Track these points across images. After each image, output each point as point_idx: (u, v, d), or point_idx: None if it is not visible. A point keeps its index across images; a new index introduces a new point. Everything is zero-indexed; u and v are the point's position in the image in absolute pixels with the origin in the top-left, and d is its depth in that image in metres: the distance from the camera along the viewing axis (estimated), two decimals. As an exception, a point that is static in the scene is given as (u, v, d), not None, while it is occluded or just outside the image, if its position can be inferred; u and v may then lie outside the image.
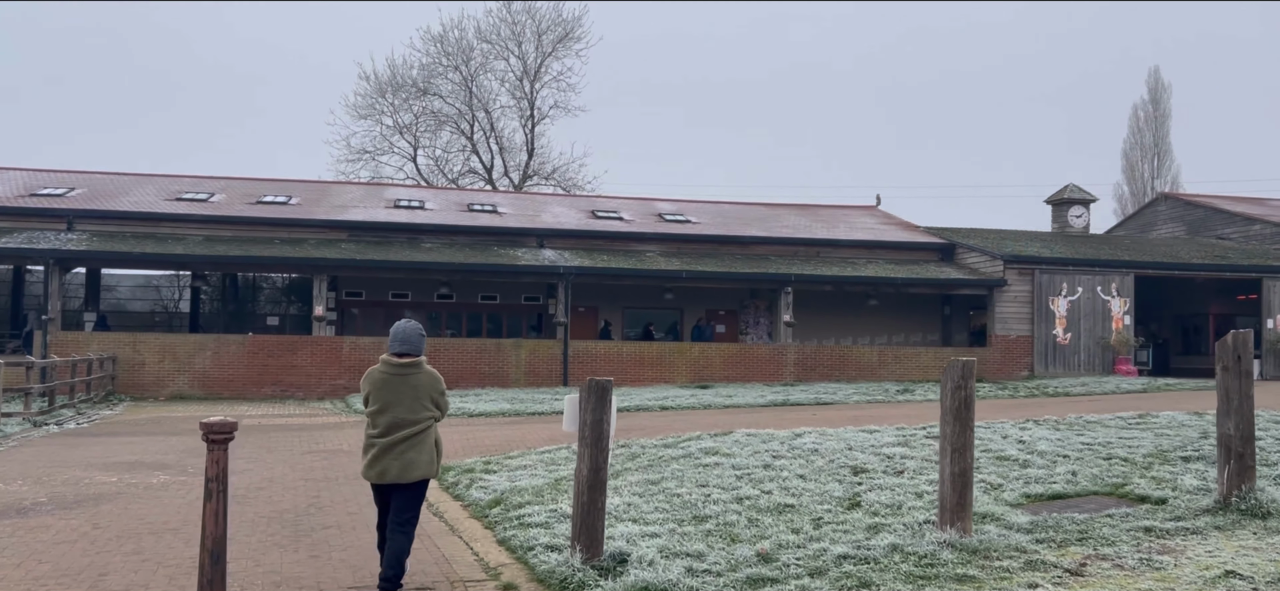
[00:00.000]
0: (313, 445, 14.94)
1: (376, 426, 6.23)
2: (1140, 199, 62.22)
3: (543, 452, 12.56)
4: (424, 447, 6.22)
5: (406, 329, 6.35)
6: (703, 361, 28.70)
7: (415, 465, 6.17)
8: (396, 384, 6.20)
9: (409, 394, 6.19)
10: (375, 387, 6.23)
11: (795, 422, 16.84)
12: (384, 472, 6.16)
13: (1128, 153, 65.14)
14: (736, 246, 32.20)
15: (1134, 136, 64.65)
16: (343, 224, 30.16)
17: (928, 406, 20.35)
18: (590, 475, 6.33)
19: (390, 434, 6.17)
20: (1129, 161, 66.05)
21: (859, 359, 29.54)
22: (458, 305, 31.43)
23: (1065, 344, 30.38)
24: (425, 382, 6.28)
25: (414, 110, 47.87)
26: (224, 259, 27.13)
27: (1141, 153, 65.53)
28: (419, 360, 6.31)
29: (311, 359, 26.67)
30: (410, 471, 6.16)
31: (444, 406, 6.43)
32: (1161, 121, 65.29)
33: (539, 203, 37.08)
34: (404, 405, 6.18)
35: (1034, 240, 34.34)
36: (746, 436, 13.35)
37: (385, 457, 6.16)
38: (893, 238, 33.74)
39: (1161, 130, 65.52)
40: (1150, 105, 64.55)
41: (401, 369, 6.23)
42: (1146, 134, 65.51)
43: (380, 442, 6.20)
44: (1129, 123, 64.97)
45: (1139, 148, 65.46)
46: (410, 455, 6.16)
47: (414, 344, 6.31)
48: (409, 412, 6.18)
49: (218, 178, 35.23)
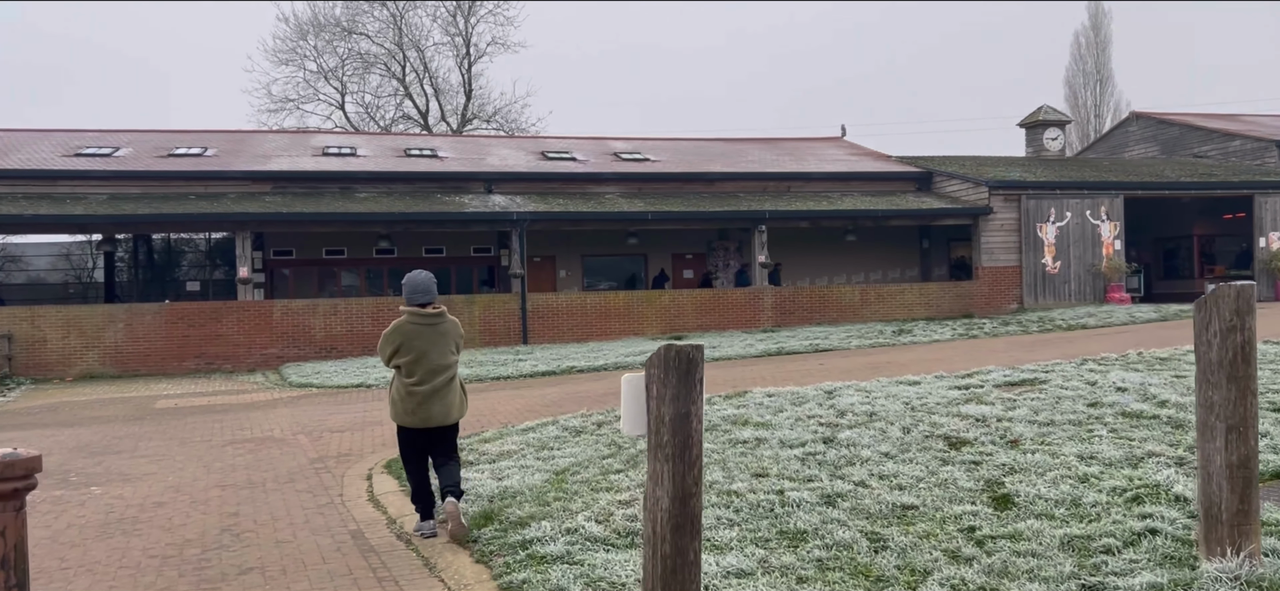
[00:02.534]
0: (238, 432, 12.27)
1: (414, 375, 6.45)
2: (1083, 127, 61.21)
3: (525, 432, 10.08)
4: (456, 389, 6.63)
5: (426, 279, 6.63)
6: (674, 310, 26.34)
7: (454, 407, 6.62)
8: (428, 333, 6.48)
9: (439, 340, 6.49)
10: (407, 339, 6.47)
11: (807, 376, 14.57)
12: (428, 418, 6.47)
13: (1070, 80, 63.97)
14: (701, 184, 29.77)
15: (1076, 64, 63.40)
16: (266, 175, 27.03)
17: (940, 348, 18.25)
18: (674, 508, 3.89)
19: (430, 381, 6.44)
20: (1072, 89, 65.01)
21: (840, 299, 27.43)
22: (400, 260, 28.56)
23: (1055, 273, 28.61)
24: (451, 329, 6.65)
25: (339, 52, 44.38)
26: (132, 218, 23.92)
27: (1084, 79, 64.41)
28: (443, 308, 6.63)
29: (238, 327, 23.73)
30: (452, 413, 6.60)
31: (461, 349, 6.77)
32: (1103, 48, 64.08)
33: (483, 145, 34.17)
34: (437, 351, 6.47)
35: (1015, 165, 32.47)
36: (767, 397, 11.03)
37: (429, 403, 6.45)
38: (866, 168, 31.58)
39: (1103, 56, 64.36)
40: (1091, 31, 63.31)
41: (431, 318, 6.51)
42: (1088, 61, 64.34)
43: (421, 391, 6.44)
44: (1070, 50, 63.63)
45: (1081, 74, 64.33)
46: (450, 399, 6.56)
47: (433, 292, 6.62)
48: (441, 358, 6.48)
49: (123, 130, 31.69)
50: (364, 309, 24.47)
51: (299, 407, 14.80)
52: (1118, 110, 63.10)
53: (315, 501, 7.83)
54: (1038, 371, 11.47)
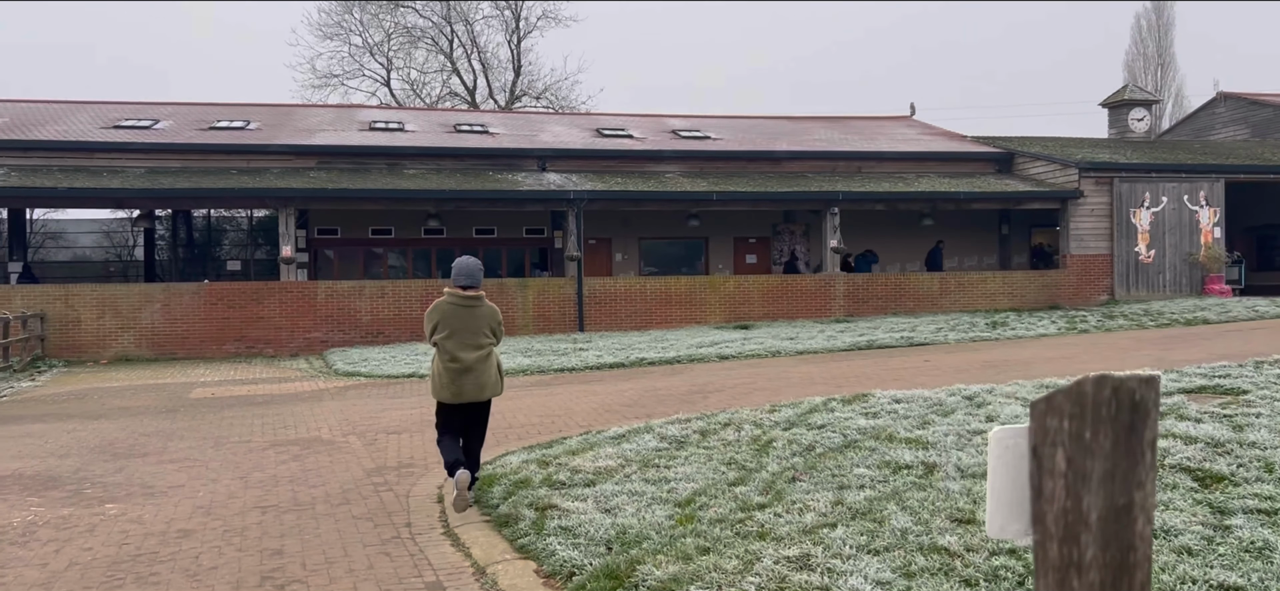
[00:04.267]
0: (280, 430, 10.81)
1: (448, 352, 6.89)
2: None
3: (618, 441, 8.49)
4: (492, 369, 7.05)
5: (470, 264, 7.07)
6: (739, 296, 24.66)
7: (487, 385, 6.99)
8: (463, 314, 6.90)
9: (473, 323, 6.93)
10: (443, 318, 6.93)
11: (917, 374, 12.87)
12: (461, 392, 6.88)
13: (1130, 64, 61.48)
14: (767, 164, 28.01)
15: (1136, 48, 60.86)
16: (311, 149, 25.66)
17: (1052, 344, 16.44)
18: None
19: (461, 359, 6.85)
20: (1131, 74, 62.48)
21: (917, 288, 25.59)
22: (449, 240, 27.14)
23: (1148, 262, 26.55)
24: (487, 313, 7.04)
25: (385, 26, 43.04)
26: (171, 193, 22.67)
27: (1145, 63, 61.88)
28: (481, 294, 7.04)
29: (281, 309, 22.41)
30: (485, 391, 6.98)
31: (500, 335, 7.15)
32: (1165, 31, 61.43)
33: (535, 121, 32.60)
34: (469, 332, 6.90)
35: (1102, 146, 30.35)
36: (895, 402, 9.41)
37: (462, 379, 6.87)
38: (942, 148, 29.63)
39: (1165, 40, 61.73)
40: (1152, 14, 60.58)
41: (469, 301, 6.93)
42: (1149, 44, 61.76)
43: (454, 367, 6.87)
44: (1131, 33, 60.96)
45: (1141, 58, 61.83)
46: (484, 378, 6.96)
47: (476, 278, 7.01)
48: (473, 339, 6.89)
49: (164, 103, 30.52)
50: (412, 292, 23.06)
51: (347, 400, 13.35)
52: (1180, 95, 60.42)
53: (378, 534, 6.31)
54: (1217, 376, 9.70)
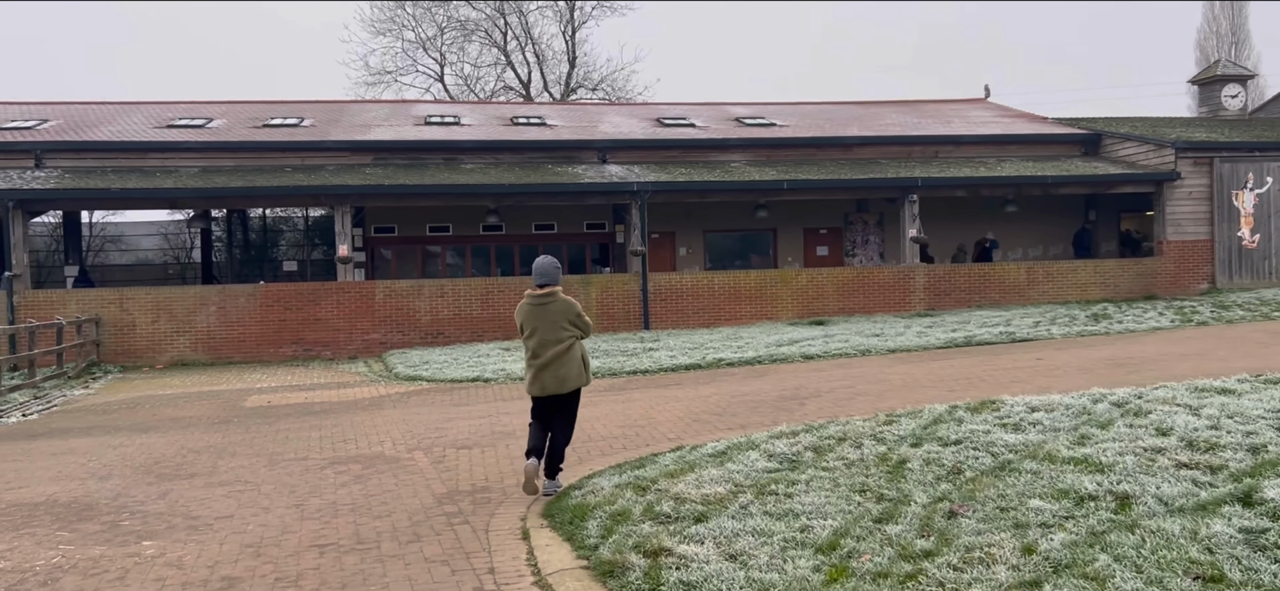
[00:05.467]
0: (339, 445, 9.89)
1: (528, 349, 7.21)
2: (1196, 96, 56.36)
3: (719, 460, 7.39)
4: (572, 362, 7.18)
5: (542, 263, 7.34)
6: (812, 291, 23.41)
7: (568, 378, 7.14)
8: (539, 312, 7.15)
9: (549, 319, 7.13)
10: (525, 317, 7.23)
11: (1033, 374, 11.58)
12: (543, 387, 7.14)
13: (1202, 43, 58.97)
14: (837, 150, 26.68)
15: (1208, 25, 58.34)
16: (366, 145, 24.92)
17: (1170, 337, 14.99)
18: None
19: (541, 354, 7.14)
20: (1203, 52, 60.04)
21: (1002, 278, 24.11)
22: (508, 237, 26.25)
23: (1252, 247, 24.77)
24: (561, 308, 7.21)
25: (438, 21, 42.30)
26: (225, 191, 22.04)
27: (1218, 41, 59.29)
28: (555, 290, 7.23)
29: (338, 310, 21.68)
30: (565, 384, 7.14)
31: (584, 326, 7.36)
32: (1238, 9, 58.89)
33: (593, 112, 31.59)
34: (546, 329, 7.12)
35: (1196, 125, 28.53)
36: (1031, 410, 8.21)
37: (543, 374, 7.13)
38: (1022, 131, 28.03)
39: (1238, 17, 59.11)
40: (1226, -8, 57.94)
41: (541, 299, 7.19)
42: (1222, 22, 59.19)
43: (535, 363, 7.18)
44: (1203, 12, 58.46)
45: (1214, 36, 59.28)
46: (563, 371, 7.12)
47: (550, 275, 7.28)
48: (550, 334, 7.11)
49: (217, 102, 30.04)
50: (473, 291, 22.17)
51: (410, 409, 12.42)
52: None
53: (457, 584, 5.28)
54: None
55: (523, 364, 14.96)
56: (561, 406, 7.20)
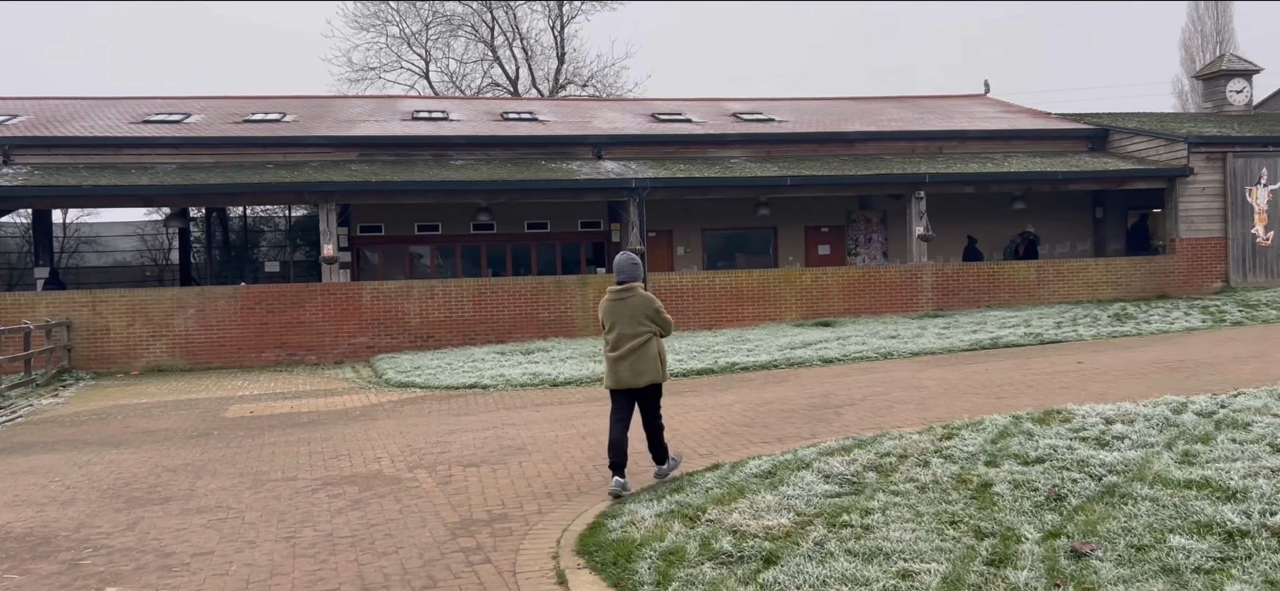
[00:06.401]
0: (331, 462, 8.92)
1: (608, 343, 7.34)
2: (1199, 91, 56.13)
3: (771, 482, 6.49)
4: (648, 356, 7.22)
5: (622, 260, 7.43)
6: (816, 291, 22.57)
7: (644, 372, 7.20)
8: (618, 307, 7.30)
9: (627, 314, 7.25)
10: (604, 312, 7.42)
11: (1082, 382, 10.76)
12: (619, 379, 7.23)
13: (1187, 43, 58.95)
14: (839, 146, 25.86)
15: (1193, 24, 58.23)
16: (351, 141, 23.91)
17: (1207, 338, 14.22)
18: None
19: (618, 348, 7.24)
20: (1188, 52, 59.99)
21: (1012, 277, 23.34)
22: (500, 237, 25.28)
23: (1267, 244, 24.10)
24: (638, 304, 7.29)
25: (423, 16, 41.27)
26: (203, 188, 20.97)
27: (1202, 41, 59.18)
28: (634, 286, 7.35)
29: (323, 312, 20.66)
30: (640, 377, 7.20)
31: (663, 323, 7.38)
32: (1222, 8, 58.77)
33: (586, 108, 30.66)
34: (624, 323, 7.23)
35: (1205, 120, 27.89)
36: (1105, 422, 7.36)
37: (618, 366, 7.23)
38: (1027, 126, 27.32)
39: (1223, 17, 58.96)
40: (1210, -10, 57.82)
41: (620, 294, 7.33)
42: (1207, 21, 59.04)
43: (612, 356, 7.28)
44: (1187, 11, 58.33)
45: (1199, 36, 59.16)
46: (638, 364, 7.19)
47: (628, 272, 7.39)
48: (627, 329, 7.23)
49: (195, 97, 28.94)
50: (464, 292, 21.20)
51: (406, 419, 11.47)
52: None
53: (486, 645, 4.35)
54: None
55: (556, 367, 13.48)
56: (640, 401, 7.28)
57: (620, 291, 7.29)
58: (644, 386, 7.19)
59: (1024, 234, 25.80)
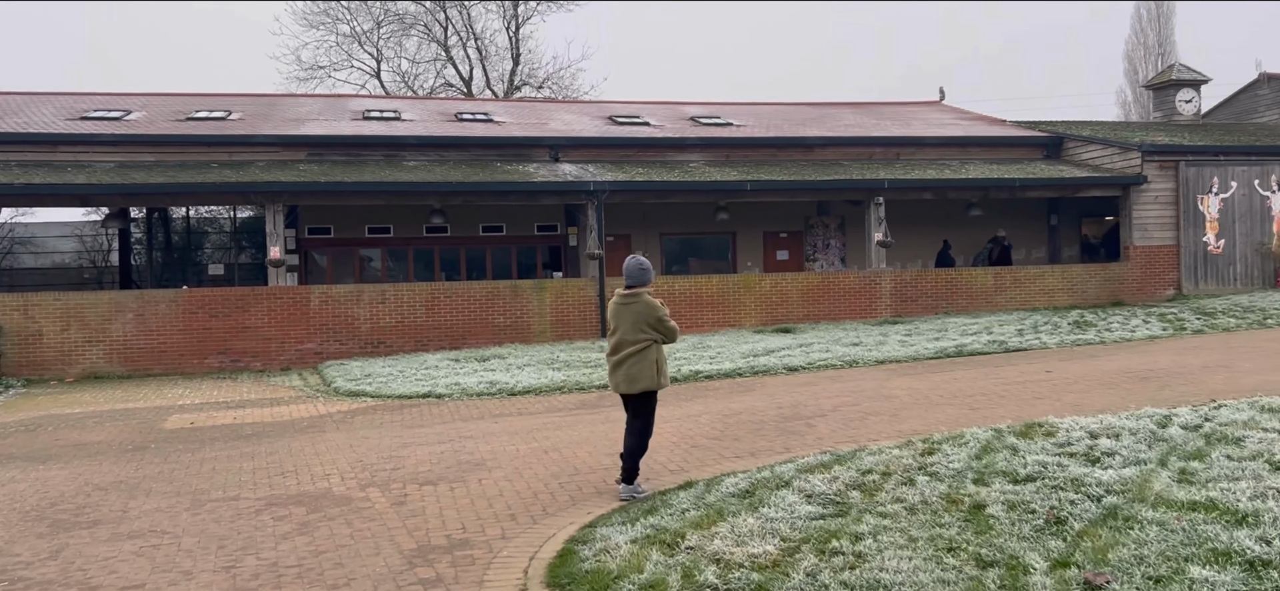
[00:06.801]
0: (277, 479, 8.38)
1: (608, 346, 7.36)
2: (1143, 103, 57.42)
3: (744, 499, 6.11)
4: (644, 364, 7.16)
5: (630, 265, 7.40)
6: (777, 297, 22.32)
7: (638, 379, 7.18)
8: (622, 311, 7.25)
9: (629, 319, 7.19)
10: (611, 315, 7.34)
11: (1055, 392, 10.56)
12: (615, 385, 7.33)
13: (1130, 54, 60.23)
14: (798, 151, 25.68)
15: (1136, 36, 59.50)
16: (300, 140, 23.20)
17: (1170, 347, 14.14)
18: None
19: (615, 353, 7.27)
20: (1131, 63, 61.25)
21: (969, 285, 23.30)
22: (453, 239, 24.69)
23: (1217, 253, 24.35)
24: (641, 311, 7.18)
25: (375, 14, 40.45)
26: (143, 188, 20.15)
27: (1145, 53, 60.46)
28: (639, 291, 7.26)
29: (269, 317, 19.94)
30: (635, 384, 7.20)
31: (666, 331, 7.22)
32: (1165, 20, 59.99)
33: (543, 109, 30.17)
34: (626, 328, 7.19)
35: (1156, 129, 28.17)
36: (1090, 436, 7.12)
37: (615, 373, 7.28)
38: (984, 133, 27.37)
39: (1165, 29, 60.23)
40: (1152, 3, 59.12)
41: (625, 299, 7.27)
42: (1150, 34, 60.29)
43: (610, 361, 7.33)
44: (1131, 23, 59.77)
45: (1141, 48, 60.45)
46: (633, 371, 7.17)
47: (635, 277, 7.32)
48: (629, 334, 7.18)
49: (136, 94, 27.96)
50: (417, 297, 20.60)
51: (356, 432, 10.92)
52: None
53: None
54: None
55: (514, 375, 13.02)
56: (632, 407, 7.27)
57: (626, 296, 7.23)
58: (638, 393, 7.16)
59: (997, 239, 25.88)
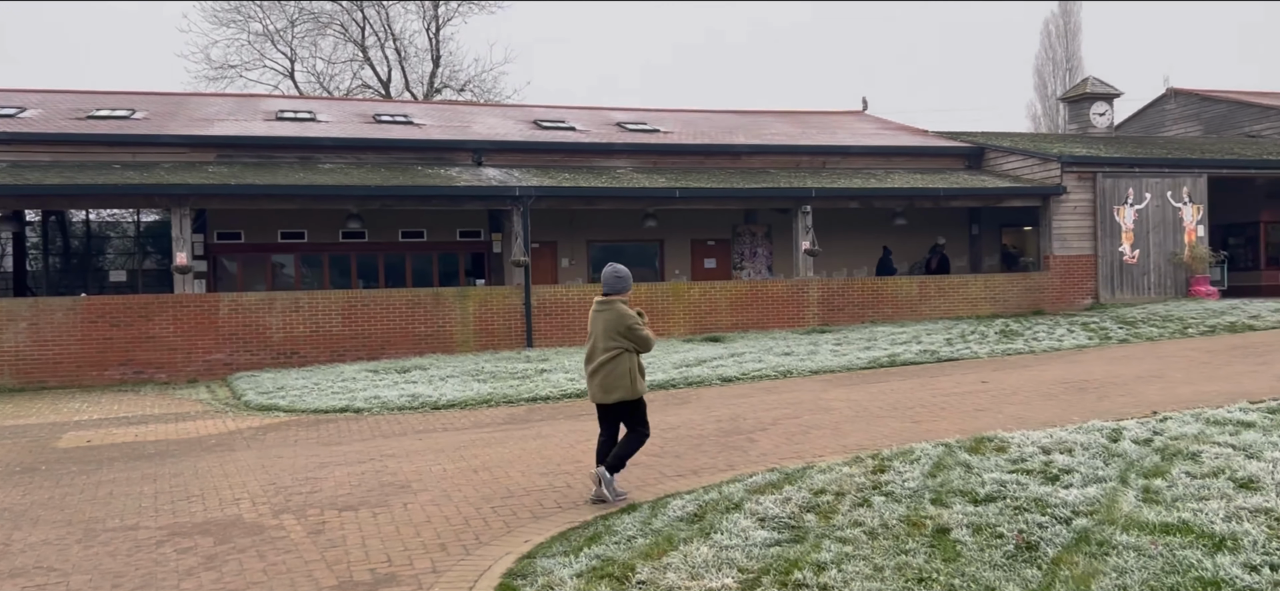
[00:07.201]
0: (182, 504, 7.70)
1: (585, 353, 7.34)
2: (1052, 116, 59.29)
3: (693, 524, 5.71)
4: (617, 373, 7.07)
5: (607, 272, 7.34)
6: (705, 305, 22.06)
7: (613, 388, 7.09)
8: (597, 318, 7.21)
9: (601, 326, 7.15)
10: (590, 322, 7.27)
11: (995, 403, 10.43)
12: (592, 393, 7.26)
13: (1039, 68, 62.33)
14: (726, 158, 25.51)
15: (1046, 52, 61.57)
16: (209, 141, 22.16)
17: (1099, 356, 14.23)
18: None
19: (590, 361, 7.23)
20: (1041, 78, 63.34)
21: (895, 293, 23.37)
22: (372, 245, 23.86)
23: (1133, 262, 24.89)
24: (611, 318, 7.11)
25: (288, 13, 39.20)
26: (38, 189, 18.94)
27: (1053, 68, 62.59)
28: (612, 299, 7.19)
29: (175, 326, 18.92)
30: (610, 393, 7.11)
31: (636, 339, 7.11)
32: (1072, 36, 62.10)
33: (464, 112, 29.48)
34: (599, 336, 7.15)
35: (1074, 141, 28.76)
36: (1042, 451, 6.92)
37: (590, 381, 7.24)
38: (908, 143, 27.59)
39: (1073, 45, 62.37)
40: (1061, 19, 61.12)
41: (600, 306, 7.24)
42: (1058, 49, 62.41)
43: (586, 369, 7.30)
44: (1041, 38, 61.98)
45: (1051, 63, 62.61)
46: (608, 380, 7.10)
47: (611, 284, 7.26)
48: (601, 342, 7.13)
49: (32, 90, 26.47)
50: (333, 305, 19.79)
51: (268, 450, 10.24)
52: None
53: None
54: None
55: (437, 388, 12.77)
56: (612, 415, 7.20)
57: (601, 303, 7.21)
58: (613, 403, 7.09)
59: (937, 248, 26.12)
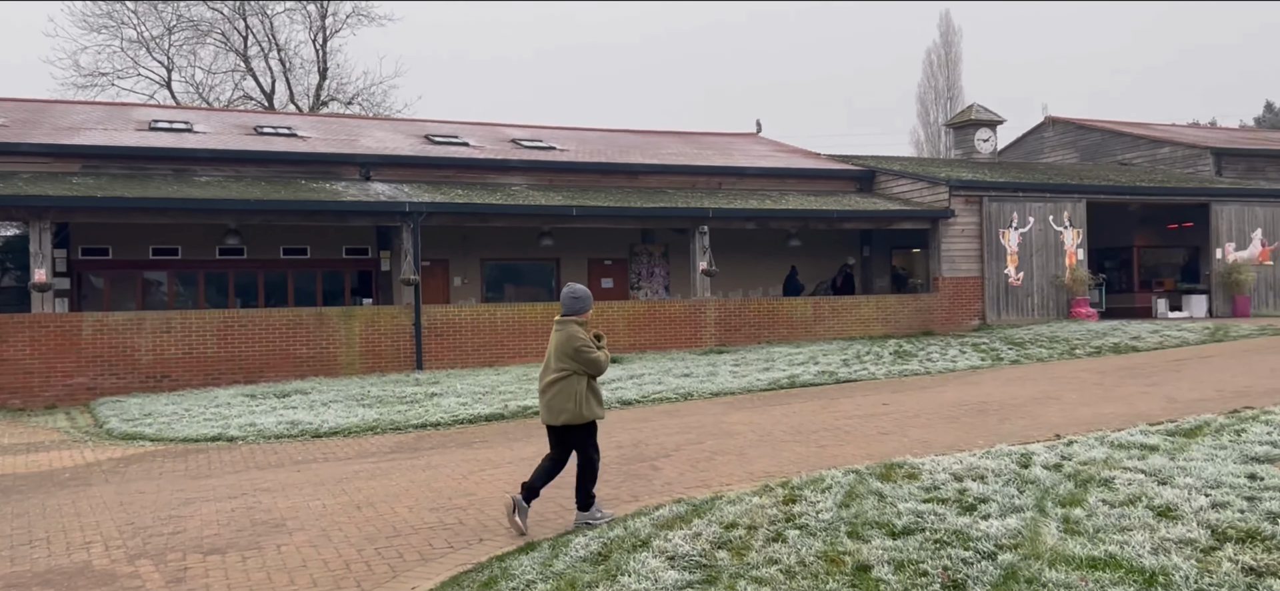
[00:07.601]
0: (23, 551, 6.86)
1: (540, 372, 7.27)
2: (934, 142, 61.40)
3: (598, 566, 5.29)
4: (564, 395, 6.99)
5: (565, 293, 7.30)
6: (602, 325, 21.55)
7: (560, 411, 7.02)
8: (553, 339, 7.17)
9: (554, 347, 7.11)
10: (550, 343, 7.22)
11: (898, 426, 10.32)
12: (542, 414, 7.19)
13: (922, 96, 64.65)
14: (623, 177, 25.22)
15: (928, 81, 63.85)
16: (74, 150, 20.72)
17: (993, 377, 14.36)
18: None
19: (542, 379, 7.19)
20: (923, 105, 65.73)
21: (790, 314, 23.41)
22: (251, 262, 22.68)
23: (1017, 284, 25.56)
24: (561, 339, 7.05)
25: (165, 19, 37.36)
26: (-127, 200, 17.32)
27: (935, 96, 64.95)
28: (568, 320, 7.11)
29: (32, 348, 17.52)
30: (556, 415, 7.05)
31: (585, 362, 6.95)
32: (954, 66, 64.57)
33: (352, 125, 28.47)
34: (551, 356, 7.12)
35: (960, 166, 29.49)
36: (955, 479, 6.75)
37: (541, 401, 7.19)
38: (802, 165, 27.82)
39: (954, 74, 64.85)
40: (942, 49, 63.48)
41: (557, 326, 7.17)
42: (939, 78, 64.77)
43: (538, 388, 7.25)
44: (923, 67, 64.51)
45: (933, 91, 64.95)
46: (555, 402, 7.04)
47: (568, 306, 7.21)
48: (553, 362, 7.09)
49: (-127, 91, 24.38)
50: (207, 326, 18.66)
51: (130, 484, 9.36)
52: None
53: None
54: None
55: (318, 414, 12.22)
56: (560, 438, 7.09)
57: (558, 323, 7.16)
58: (561, 426, 7.01)
59: (845, 267, 26.49)
